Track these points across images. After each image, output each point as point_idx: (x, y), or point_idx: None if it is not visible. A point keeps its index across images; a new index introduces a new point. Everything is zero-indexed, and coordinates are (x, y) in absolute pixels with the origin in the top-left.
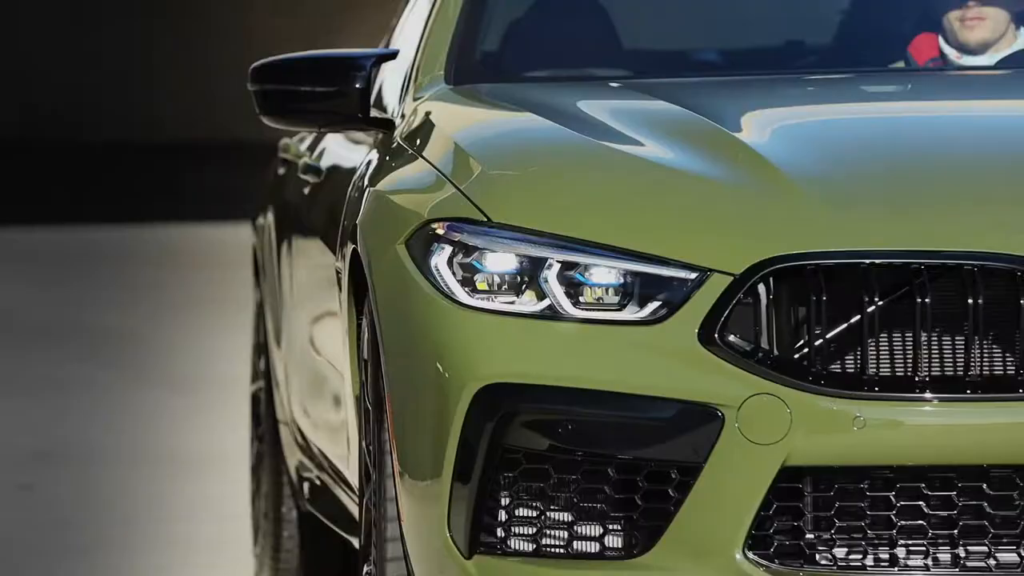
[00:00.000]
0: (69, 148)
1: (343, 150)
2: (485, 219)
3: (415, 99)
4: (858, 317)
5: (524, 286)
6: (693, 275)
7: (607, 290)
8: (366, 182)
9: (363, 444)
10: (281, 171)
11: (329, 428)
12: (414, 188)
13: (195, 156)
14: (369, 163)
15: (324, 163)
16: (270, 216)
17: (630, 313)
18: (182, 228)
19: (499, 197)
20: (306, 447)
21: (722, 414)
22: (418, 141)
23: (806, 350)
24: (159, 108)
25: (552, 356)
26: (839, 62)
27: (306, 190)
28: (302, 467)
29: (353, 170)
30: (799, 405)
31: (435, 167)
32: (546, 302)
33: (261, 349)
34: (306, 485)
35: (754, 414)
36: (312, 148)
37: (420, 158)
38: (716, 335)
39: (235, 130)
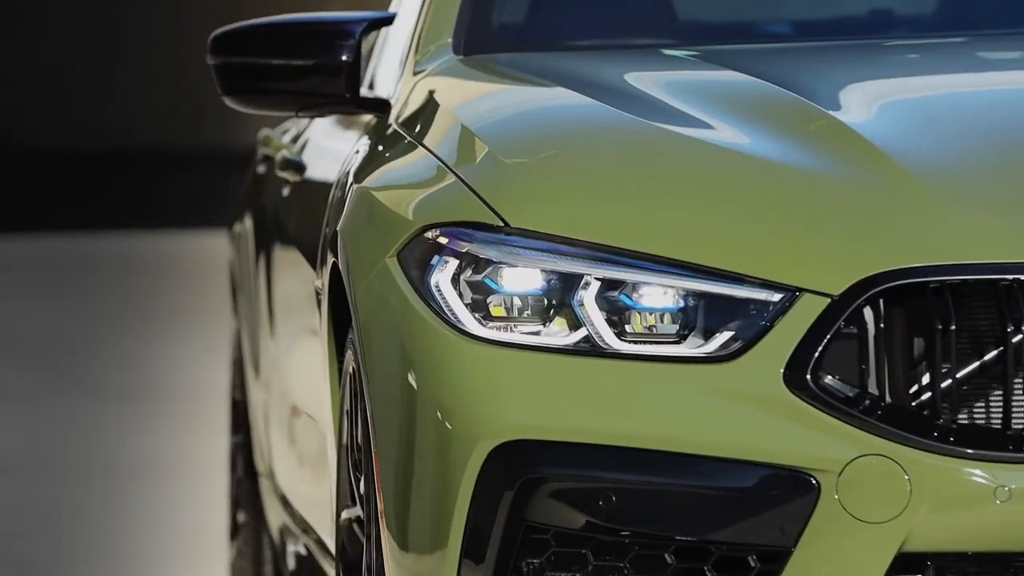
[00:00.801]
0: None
1: (328, 140)
2: (502, 224)
3: (415, 73)
4: (999, 351)
5: (553, 311)
6: (777, 296)
7: (662, 316)
8: (351, 178)
9: (339, 512)
10: (260, 169)
11: (312, 488)
12: (410, 184)
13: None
14: (356, 154)
15: (306, 156)
16: (248, 223)
17: (692, 347)
18: (137, 236)
19: (520, 196)
20: (289, 508)
21: (817, 482)
22: (418, 126)
23: (929, 396)
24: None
25: (590, 404)
26: (946, 25)
27: (285, 190)
28: (286, 531)
29: (339, 164)
30: (921, 470)
31: (438, 157)
32: (581, 332)
33: (239, 392)
34: (290, 553)
35: (860, 482)
36: (296, 139)
37: (419, 146)
38: (808, 376)
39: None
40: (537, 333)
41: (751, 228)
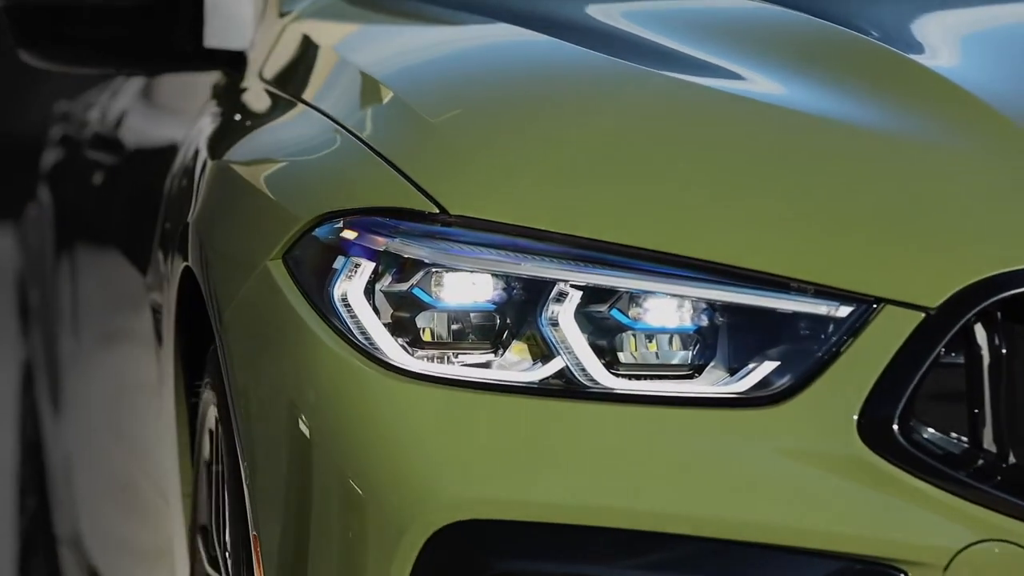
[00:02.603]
0: None
1: (157, 109)
2: (436, 210)
3: (283, 15)
4: None
5: (511, 334)
6: (845, 311)
7: (671, 340)
8: (204, 154)
9: None
10: (59, 152)
11: None
12: (296, 157)
13: None
14: (207, 122)
15: (126, 132)
16: (42, 219)
17: (716, 383)
18: None
19: (462, 169)
20: None
21: None
22: (297, 79)
23: None
24: None
25: (571, 466)
26: None
27: (98, 177)
28: None
29: (175, 140)
30: None
31: (332, 119)
32: (555, 364)
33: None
34: None
35: None
36: (109, 112)
37: (302, 105)
38: (895, 426)
39: None
40: (488, 365)
41: (801, 214)
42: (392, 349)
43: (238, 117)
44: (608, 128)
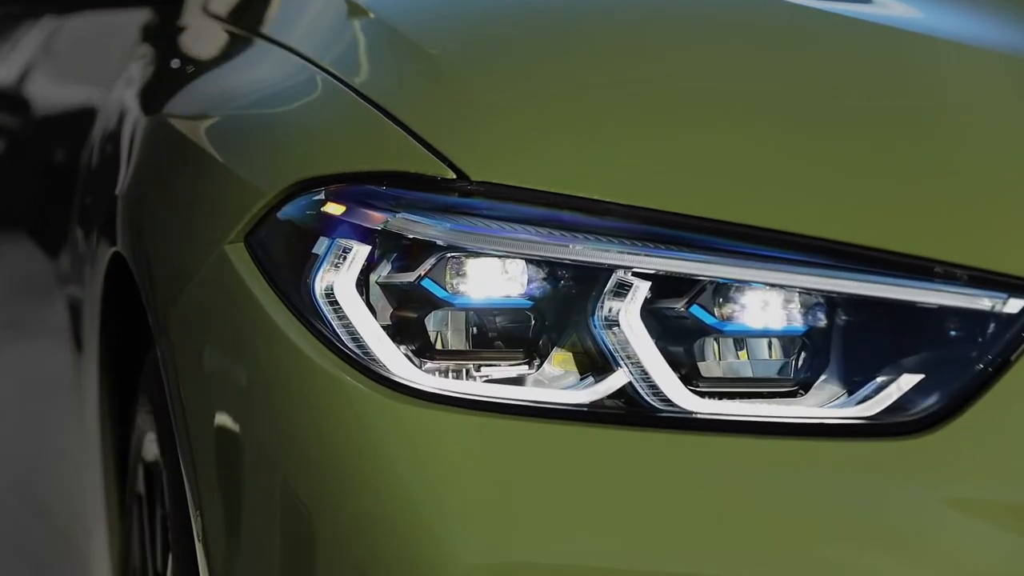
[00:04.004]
0: None
1: (73, 59)
2: (453, 176)
3: None
4: None
5: (552, 340)
6: (1017, 305)
7: (771, 346)
8: (132, 113)
9: None
10: None
11: None
12: (257, 110)
13: None
14: (135, 74)
15: (33, 88)
16: None
17: (829, 404)
18: None
19: (486, 124)
20: None
21: None
22: (252, 10)
23: None
24: None
25: (636, 522)
26: None
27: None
28: None
29: (92, 101)
30: None
31: (306, 59)
32: (615, 380)
33: None
34: None
35: None
36: (9, 63)
37: (262, 43)
38: None
39: None
40: (521, 381)
41: (947, 175)
42: (394, 360)
43: (177, 63)
44: (676, 66)
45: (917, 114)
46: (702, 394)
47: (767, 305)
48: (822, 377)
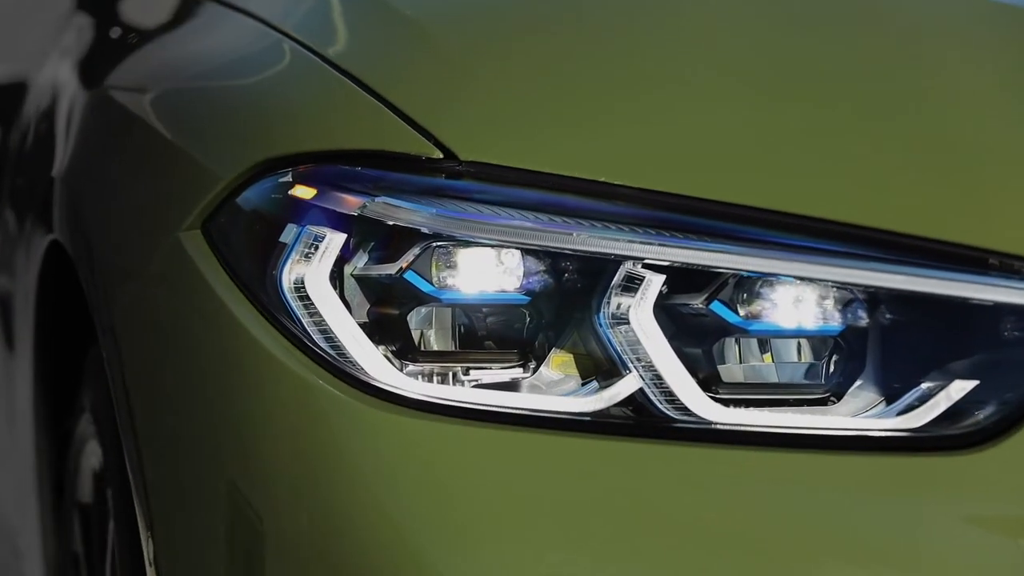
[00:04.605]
0: None
1: None
2: (440, 155)
3: None
4: None
5: (551, 340)
6: None
7: (799, 348)
8: (70, 86)
9: None
10: None
11: None
12: (214, 81)
13: None
14: (70, 44)
15: None
16: None
17: (868, 413)
18: None
19: (477, 98)
20: None
21: None
22: None
23: None
24: None
25: (649, 548)
26: None
27: None
28: None
29: (23, 70)
30: None
31: (268, 24)
32: (624, 386)
33: None
34: None
35: None
36: None
37: (216, 6)
38: None
39: None
40: (516, 386)
41: (995, 152)
42: (371, 362)
43: (118, 31)
44: (683, 38)
45: (953, 85)
46: (723, 402)
47: (797, 301)
48: (857, 383)
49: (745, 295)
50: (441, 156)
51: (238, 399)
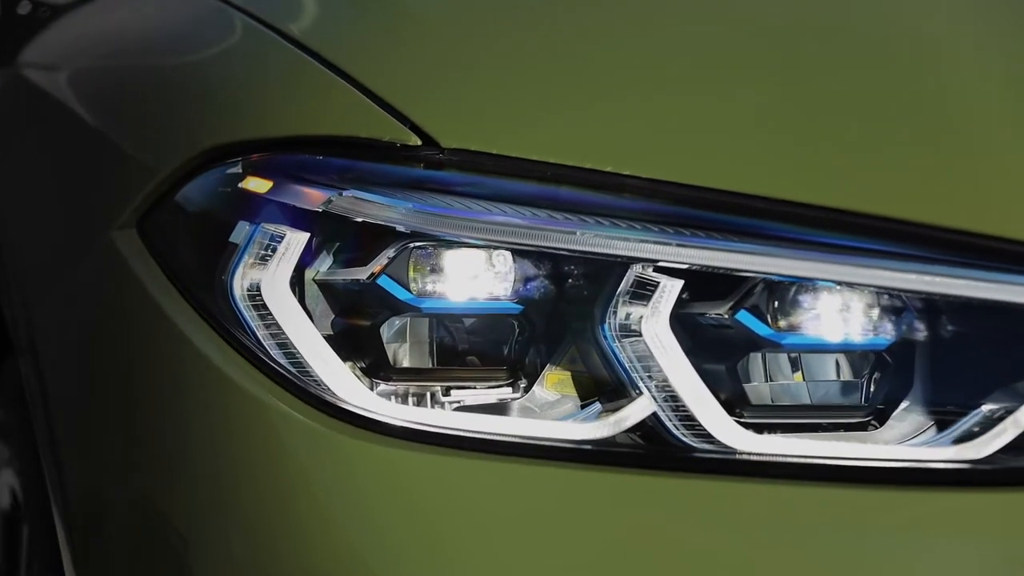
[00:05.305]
0: None
1: None
2: (418, 142)
3: None
4: None
5: (545, 356)
6: None
7: (838, 365)
8: None
9: None
10: None
11: None
12: (148, 62)
13: None
14: None
15: None
16: None
17: (916, 440)
18: None
19: (459, 77)
20: None
21: None
22: None
23: None
24: None
25: None
26: None
27: None
28: None
29: None
30: None
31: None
32: (635, 410)
33: None
34: None
35: None
36: None
37: None
38: None
39: None
40: (505, 409)
41: None
42: (338, 380)
43: (28, 5)
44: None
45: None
46: (752, 426)
47: (840, 310)
48: (903, 405)
49: (777, 303)
50: (419, 143)
51: (181, 422)
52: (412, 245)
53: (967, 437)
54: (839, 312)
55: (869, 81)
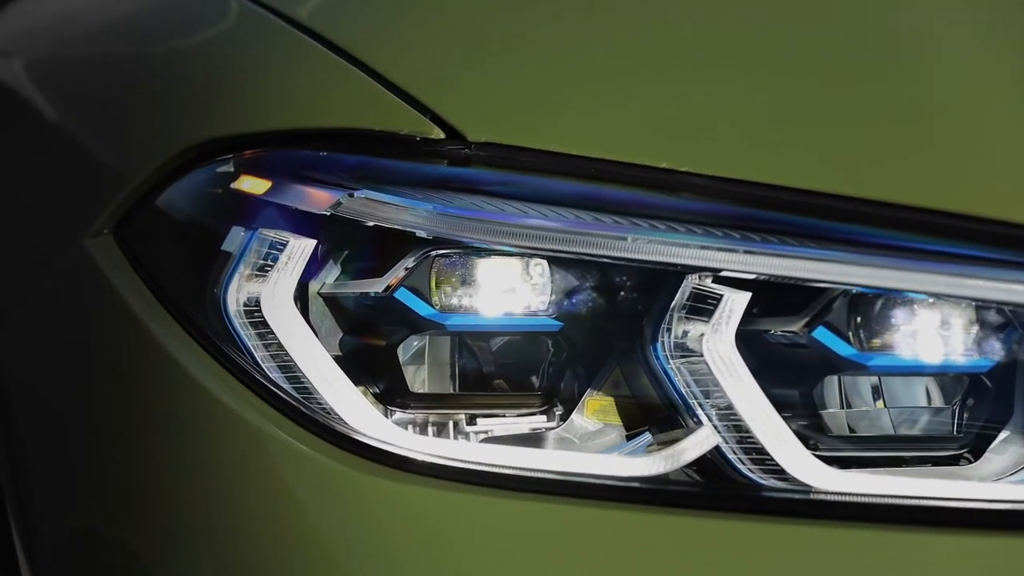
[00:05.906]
0: None
1: None
2: (442, 135)
3: None
4: None
5: (585, 379)
6: None
7: (928, 390)
8: None
9: None
10: None
11: None
12: (125, 49)
13: None
14: None
15: None
16: None
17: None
18: None
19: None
20: None
21: None
22: None
23: None
24: None
25: None
26: None
27: None
28: None
29: None
30: None
31: None
32: (695, 443)
33: None
34: None
35: None
36: None
37: None
38: None
39: None
40: (540, 440)
41: None
42: (348, 407)
43: None
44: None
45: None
46: (833, 462)
47: (934, 327)
48: (1001, 436)
49: (860, 319)
50: (443, 136)
51: (169, 452)
52: (434, 253)
53: None
54: (935, 329)
55: (917, 79)
